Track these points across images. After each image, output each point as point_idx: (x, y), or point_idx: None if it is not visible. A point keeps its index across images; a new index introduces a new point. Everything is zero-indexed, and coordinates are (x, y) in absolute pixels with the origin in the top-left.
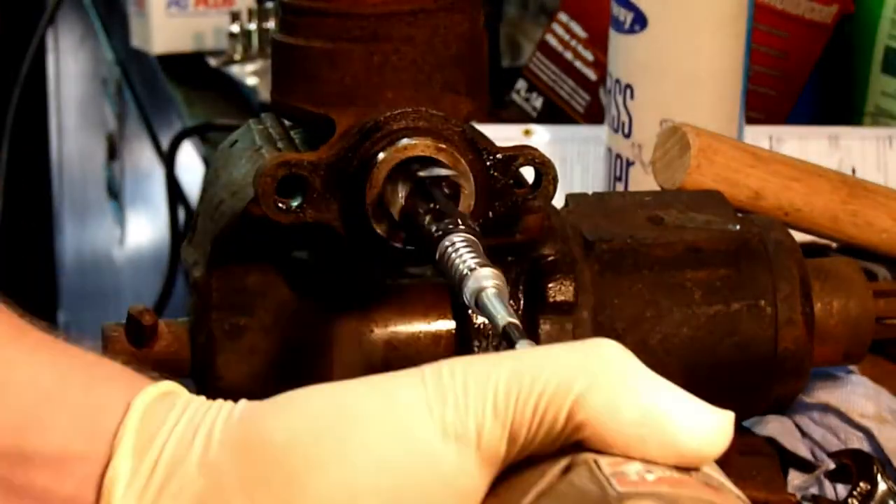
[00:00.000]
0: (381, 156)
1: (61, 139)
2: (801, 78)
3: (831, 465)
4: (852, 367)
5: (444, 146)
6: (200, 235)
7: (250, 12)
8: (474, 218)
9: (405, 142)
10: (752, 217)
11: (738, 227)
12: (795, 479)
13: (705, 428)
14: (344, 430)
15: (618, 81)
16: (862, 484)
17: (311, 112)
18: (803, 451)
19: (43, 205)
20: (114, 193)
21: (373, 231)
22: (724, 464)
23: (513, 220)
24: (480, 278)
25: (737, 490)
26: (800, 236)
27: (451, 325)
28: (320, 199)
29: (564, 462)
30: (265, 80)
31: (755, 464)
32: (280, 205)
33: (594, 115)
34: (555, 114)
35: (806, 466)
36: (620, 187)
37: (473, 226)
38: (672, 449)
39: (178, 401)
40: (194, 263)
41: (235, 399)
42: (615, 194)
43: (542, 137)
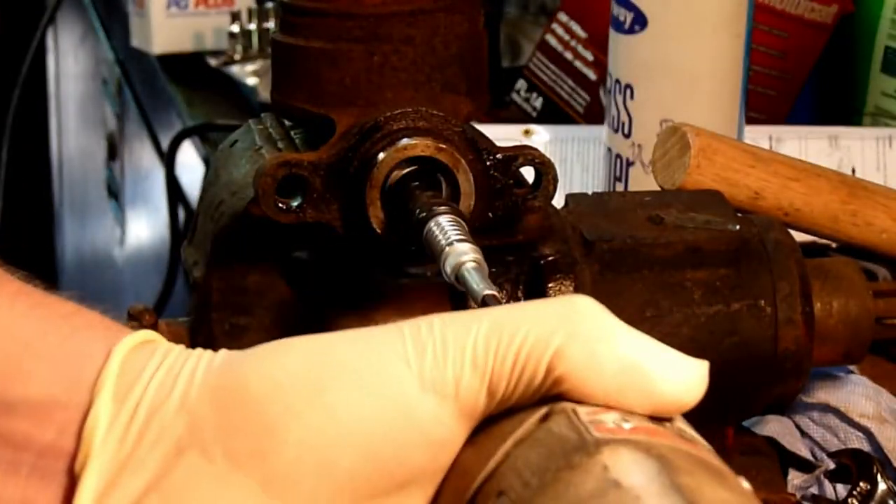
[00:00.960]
0: (381, 156)
1: (61, 139)
2: (801, 78)
3: (831, 465)
4: (852, 367)
5: (444, 146)
6: (200, 235)
7: (250, 12)
8: (474, 218)
9: (405, 142)
10: (751, 217)
11: (737, 227)
12: (795, 478)
13: (683, 376)
14: (322, 380)
15: (618, 81)
16: (862, 484)
17: (311, 112)
18: (803, 450)
19: (43, 205)
20: (114, 193)
21: (373, 231)
22: (724, 463)
23: (513, 220)
24: (460, 252)
25: (708, 445)
26: (800, 236)
27: None
28: (320, 199)
29: (543, 411)
30: (265, 80)
31: (755, 463)
32: (280, 205)
33: (594, 115)
34: (555, 114)
35: (806, 466)
36: (620, 187)
37: (458, 209)
38: (651, 398)
39: (158, 349)
40: (194, 263)
41: None
42: (615, 194)
43: (542, 137)
